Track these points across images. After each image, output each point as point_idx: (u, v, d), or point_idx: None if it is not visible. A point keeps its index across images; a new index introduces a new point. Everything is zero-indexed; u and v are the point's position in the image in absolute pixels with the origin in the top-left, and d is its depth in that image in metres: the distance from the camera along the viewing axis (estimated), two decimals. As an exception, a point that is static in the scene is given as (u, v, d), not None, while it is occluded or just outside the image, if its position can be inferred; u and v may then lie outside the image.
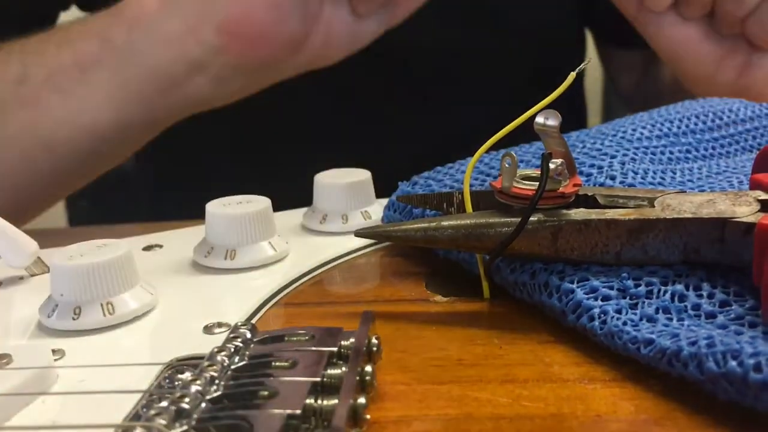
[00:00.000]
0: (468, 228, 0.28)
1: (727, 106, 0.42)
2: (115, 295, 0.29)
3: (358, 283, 0.33)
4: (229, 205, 0.34)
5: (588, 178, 0.33)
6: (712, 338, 0.22)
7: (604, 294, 0.26)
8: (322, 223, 0.37)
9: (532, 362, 0.25)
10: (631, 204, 0.28)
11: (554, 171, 0.27)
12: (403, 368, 0.25)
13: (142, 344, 0.28)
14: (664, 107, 0.43)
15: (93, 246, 0.30)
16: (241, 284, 0.32)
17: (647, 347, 0.23)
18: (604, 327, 0.25)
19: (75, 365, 0.26)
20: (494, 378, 0.24)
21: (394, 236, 0.29)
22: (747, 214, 0.26)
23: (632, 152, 0.36)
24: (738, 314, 0.25)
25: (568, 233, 0.27)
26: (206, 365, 0.23)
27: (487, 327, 0.28)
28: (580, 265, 0.28)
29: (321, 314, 0.30)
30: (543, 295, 0.27)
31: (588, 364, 0.25)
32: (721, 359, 0.21)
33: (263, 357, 0.24)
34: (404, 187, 0.36)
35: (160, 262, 0.35)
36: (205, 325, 0.28)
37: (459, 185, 0.34)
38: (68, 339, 0.28)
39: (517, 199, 0.28)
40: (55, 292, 0.29)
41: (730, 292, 0.26)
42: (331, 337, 0.24)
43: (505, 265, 0.29)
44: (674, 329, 0.24)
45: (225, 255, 0.33)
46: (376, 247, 0.36)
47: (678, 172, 0.35)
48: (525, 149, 0.38)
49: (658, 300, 0.26)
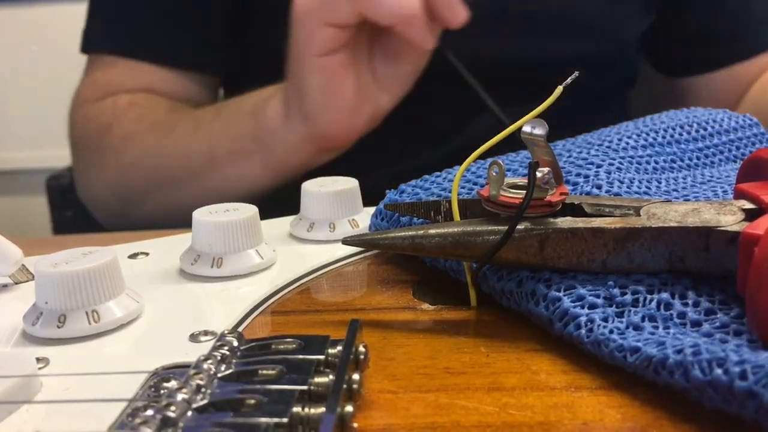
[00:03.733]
0: (455, 236, 0.28)
1: (711, 116, 0.42)
2: (100, 303, 0.29)
3: (346, 291, 0.33)
4: (216, 213, 0.34)
5: (574, 187, 0.34)
6: (698, 346, 0.22)
7: (590, 302, 0.26)
8: (310, 231, 0.37)
9: (519, 370, 0.25)
10: (617, 213, 0.28)
11: (541, 180, 0.27)
12: (391, 376, 0.25)
13: (128, 352, 0.28)
14: (649, 117, 0.43)
15: (78, 254, 0.29)
16: (228, 292, 0.32)
17: (633, 355, 0.24)
18: (590, 335, 0.25)
19: (59, 374, 0.26)
20: (481, 386, 0.24)
21: (381, 244, 0.29)
22: (732, 223, 0.26)
23: (618, 161, 0.36)
24: (723, 322, 0.25)
25: (555, 241, 0.27)
26: (192, 373, 0.23)
27: (474, 335, 0.28)
28: (567, 274, 0.28)
29: (308, 322, 0.30)
30: (530, 303, 0.28)
31: (575, 373, 0.25)
32: (706, 367, 0.22)
33: (250, 365, 0.23)
34: (391, 196, 0.36)
35: (146, 270, 0.35)
36: (191, 333, 0.28)
37: (446, 194, 0.34)
38: (53, 347, 0.28)
39: (505, 208, 0.28)
40: (40, 299, 0.29)
41: (715, 300, 0.26)
42: (318, 345, 0.24)
43: (492, 273, 0.29)
44: (660, 337, 0.24)
45: (212, 263, 0.33)
46: (363, 255, 0.36)
47: (663, 181, 0.36)
48: (512, 158, 0.38)
49: (644, 308, 0.26)
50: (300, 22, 0.49)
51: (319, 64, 0.49)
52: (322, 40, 0.48)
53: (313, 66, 0.49)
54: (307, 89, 0.50)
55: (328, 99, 0.50)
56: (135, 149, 0.59)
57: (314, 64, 0.49)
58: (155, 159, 0.58)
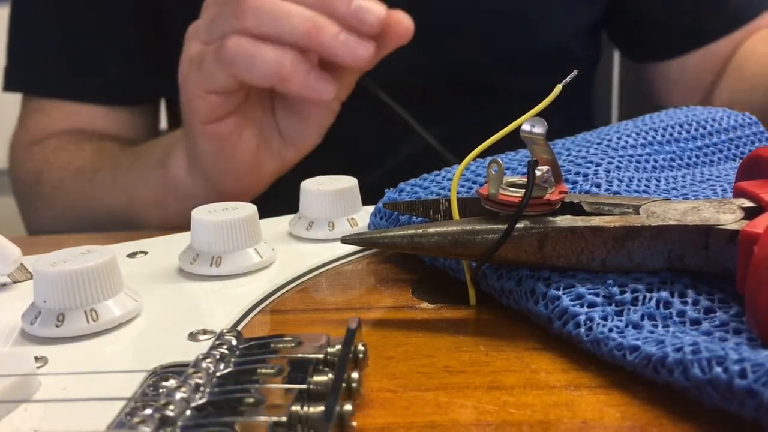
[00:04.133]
0: (454, 235, 0.28)
1: (710, 115, 0.42)
2: (99, 302, 0.29)
3: (345, 290, 0.33)
4: (214, 212, 0.34)
5: (574, 185, 0.34)
6: (698, 345, 0.22)
7: (590, 301, 0.26)
8: (309, 230, 0.37)
9: (519, 369, 0.25)
10: (616, 211, 0.28)
11: (540, 178, 0.27)
12: (390, 375, 0.25)
13: (126, 351, 0.28)
14: (648, 115, 0.43)
15: (77, 252, 0.29)
16: (227, 291, 0.32)
17: (633, 354, 0.24)
18: (590, 334, 0.25)
19: (58, 373, 0.26)
20: (481, 385, 0.24)
21: (380, 243, 0.29)
22: (731, 222, 0.26)
23: (617, 160, 0.36)
24: (723, 321, 0.25)
25: (555, 240, 0.27)
26: (191, 372, 0.23)
27: (473, 334, 0.28)
28: (566, 272, 0.28)
29: (307, 321, 0.30)
30: (529, 301, 0.28)
31: (574, 371, 0.25)
32: (706, 366, 0.22)
33: (249, 364, 0.23)
34: (391, 194, 0.36)
35: (145, 269, 0.35)
36: (190, 332, 0.28)
37: (445, 192, 0.34)
38: (51, 346, 0.28)
39: (504, 206, 0.28)
40: (38, 298, 0.29)
41: (714, 299, 0.26)
42: (318, 343, 0.24)
43: (492, 271, 0.29)
44: (660, 336, 0.24)
45: (210, 262, 0.33)
46: (362, 254, 0.36)
47: (662, 180, 0.36)
48: (511, 156, 0.38)
49: (644, 307, 0.26)
50: (183, 89, 0.47)
51: (208, 131, 0.46)
52: (206, 108, 0.45)
53: (203, 133, 0.47)
54: (201, 154, 0.48)
55: (223, 164, 0.48)
56: (63, 198, 0.58)
57: (203, 131, 0.47)
58: (81, 209, 0.57)
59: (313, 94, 0.44)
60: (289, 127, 0.49)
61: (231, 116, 0.46)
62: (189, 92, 0.46)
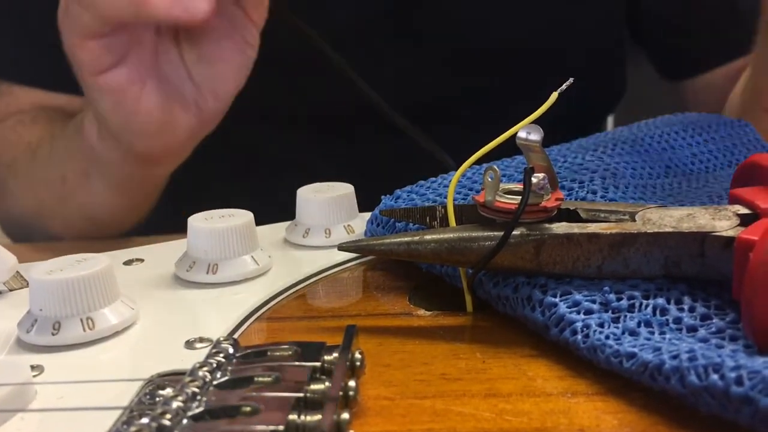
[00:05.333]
0: (451, 242, 0.28)
1: (706, 121, 0.42)
2: (95, 310, 0.28)
3: (341, 297, 0.33)
4: (211, 219, 0.34)
5: (570, 192, 0.34)
6: (694, 352, 0.22)
7: (586, 308, 0.26)
8: (305, 237, 0.37)
9: (516, 376, 0.25)
10: (612, 218, 0.29)
11: (536, 185, 0.27)
12: (387, 383, 0.25)
13: (123, 360, 0.27)
14: (644, 122, 0.44)
15: (73, 260, 0.29)
16: (224, 298, 0.32)
17: (629, 361, 0.24)
18: (587, 341, 0.25)
19: (54, 381, 0.25)
20: (477, 392, 0.24)
21: (377, 250, 0.29)
22: (726, 228, 0.26)
23: (613, 167, 0.36)
24: (719, 327, 0.25)
25: (551, 247, 0.27)
26: (188, 381, 0.23)
27: (470, 341, 0.28)
28: (563, 279, 0.28)
29: (304, 328, 0.30)
30: (526, 308, 0.28)
31: (571, 378, 0.25)
32: (702, 373, 0.22)
33: (246, 372, 0.23)
34: (387, 201, 0.36)
35: (142, 277, 0.35)
36: (186, 340, 0.28)
37: (442, 199, 0.34)
38: (47, 355, 0.27)
39: (500, 213, 0.28)
40: (34, 306, 0.28)
41: (710, 305, 0.26)
42: (314, 351, 0.24)
43: (488, 278, 0.29)
44: (656, 343, 0.24)
45: (207, 269, 0.33)
46: (359, 261, 0.36)
47: (658, 186, 0.36)
48: (507, 163, 0.38)
49: (640, 313, 0.26)
50: (63, 41, 0.42)
51: (101, 84, 0.42)
52: (88, 57, 0.41)
53: (95, 86, 0.42)
54: (101, 111, 0.44)
55: (127, 120, 0.43)
56: (12, 176, 0.55)
57: (96, 84, 0.42)
58: (25, 188, 0.54)
59: (182, 13, 0.38)
60: (202, 73, 0.45)
61: (122, 65, 0.42)
62: (68, 41, 0.42)
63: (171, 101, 0.44)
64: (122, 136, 0.45)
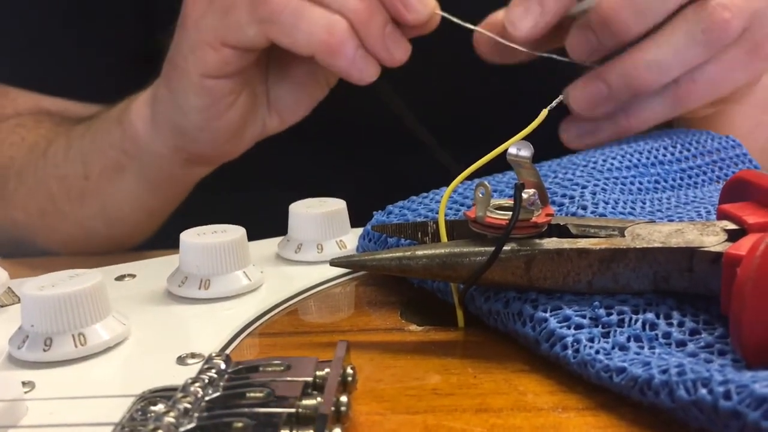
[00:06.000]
0: (442, 257, 0.28)
1: (694, 137, 0.43)
2: (87, 325, 0.28)
3: (333, 313, 0.33)
4: (203, 235, 0.34)
5: (560, 207, 0.34)
6: (683, 366, 0.23)
7: (576, 323, 0.26)
8: (297, 252, 0.37)
9: (507, 391, 0.25)
10: (602, 233, 0.29)
11: (527, 201, 0.27)
12: (378, 398, 0.25)
13: (114, 376, 0.27)
14: (633, 137, 0.44)
15: (65, 276, 0.29)
16: (215, 314, 0.32)
17: (619, 376, 0.24)
18: (577, 356, 0.25)
19: (45, 398, 0.25)
20: (469, 407, 0.24)
21: (369, 265, 0.29)
22: (714, 244, 0.26)
23: (603, 182, 0.36)
24: (707, 342, 0.25)
25: (541, 262, 0.28)
26: (180, 397, 0.23)
27: (461, 356, 0.28)
28: (553, 294, 0.28)
29: (296, 344, 0.30)
30: (517, 323, 0.28)
31: (562, 393, 0.25)
32: (691, 387, 0.22)
33: (238, 388, 0.23)
34: (379, 217, 0.36)
35: (133, 292, 0.35)
36: (178, 356, 0.28)
37: (433, 215, 0.35)
38: (39, 371, 0.27)
39: (491, 229, 0.28)
40: (26, 322, 0.28)
41: (699, 320, 0.26)
42: (306, 367, 0.24)
43: (479, 294, 0.29)
44: (646, 357, 0.24)
45: (199, 284, 0.33)
46: (350, 277, 0.36)
47: (647, 202, 0.36)
48: (498, 179, 0.39)
49: (630, 328, 0.26)
50: (190, 34, 0.41)
51: (205, 86, 0.42)
52: (216, 61, 0.41)
53: (199, 87, 0.42)
54: (186, 107, 0.43)
55: (208, 123, 0.44)
56: (14, 177, 0.53)
57: (200, 85, 0.42)
58: (34, 185, 0.52)
59: (357, 73, 0.40)
60: (279, 95, 0.46)
61: (233, 76, 0.42)
62: (199, 38, 0.41)
63: (249, 114, 0.45)
64: (191, 134, 0.45)
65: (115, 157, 0.48)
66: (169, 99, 0.44)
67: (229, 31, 0.40)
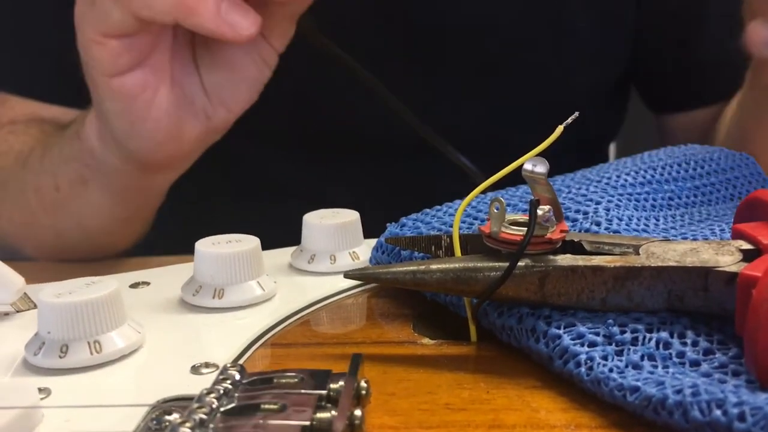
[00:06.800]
0: (457, 272, 0.28)
1: (708, 154, 0.43)
2: (103, 333, 0.29)
3: (346, 324, 0.33)
4: (218, 244, 0.34)
5: (574, 223, 0.34)
6: (697, 386, 0.23)
7: (590, 340, 0.26)
8: (311, 263, 0.38)
9: (519, 407, 0.25)
10: (616, 251, 0.29)
11: (542, 217, 0.27)
12: (391, 411, 0.25)
13: (129, 384, 0.28)
14: (647, 153, 0.44)
15: (81, 283, 0.30)
16: (229, 324, 0.32)
17: (633, 394, 0.24)
18: (590, 373, 0.25)
19: (61, 405, 0.26)
20: (482, 423, 0.24)
21: (383, 278, 0.30)
22: (730, 264, 0.26)
23: (617, 198, 0.36)
24: (722, 362, 0.25)
25: (555, 279, 0.28)
26: (195, 407, 0.23)
27: (474, 371, 0.28)
28: (567, 311, 0.28)
29: (308, 355, 0.30)
30: (530, 339, 0.28)
31: (575, 411, 0.25)
32: (705, 408, 0.22)
33: (252, 399, 0.24)
34: (392, 229, 0.37)
35: (148, 300, 0.35)
36: (192, 365, 0.28)
37: (447, 228, 0.35)
38: (54, 377, 0.28)
39: (506, 244, 0.28)
40: (42, 329, 0.29)
41: (713, 340, 0.26)
42: (320, 379, 0.24)
43: (493, 309, 0.30)
44: (660, 377, 0.24)
45: (213, 294, 0.33)
46: (363, 288, 0.36)
47: (661, 218, 0.36)
48: (512, 192, 0.39)
49: (644, 347, 0.26)
50: (78, 34, 0.40)
51: (114, 87, 0.40)
52: (107, 57, 0.39)
53: (107, 88, 0.40)
54: (107, 114, 0.42)
55: (135, 126, 0.41)
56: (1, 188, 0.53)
57: (108, 87, 0.40)
58: (16, 196, 0.52)
59: (227, 29, 0.37)
60: (215, 83, 0.43)
61: (139, 68, 0.40)
62: (85, 37, 0.39)
63: (181, 109, 0.42)
64: (126, 141, 0.43)
65: (78, 170, 0.48)
66: (96, 107, 0.43)
67: (100, 21, 0.38)
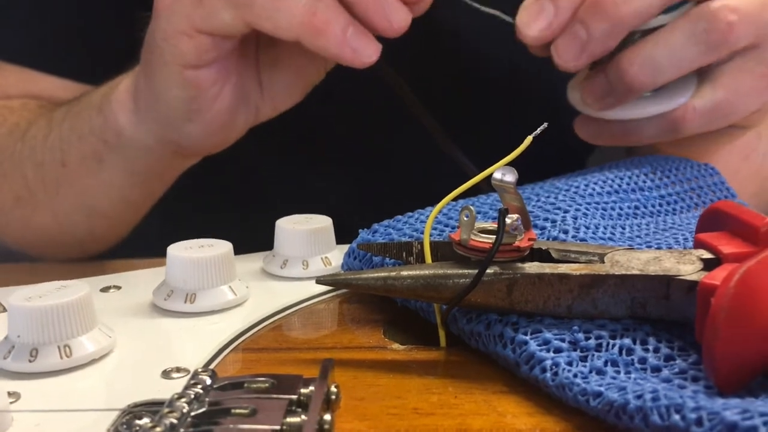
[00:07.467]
0: (426, 278, 0.29)
1: (674, 164, 0.44)
2: (73, 337, 0.29)
3: (317, 330, 0.34)
4: (190, 249, 0.34)
5: (542, 231, 0.35)
6: (657, 392, 0.23)
7: (556, 346, 0.27)
8: (283, 267, 0.38)
9: (486, 412, 0.26)
10: (582, 259, 0.29)
11: (510, 226, 0.28)
12: (361, 416, 0.26)
13: (100, 388, 0.28)
14: (614, 162, 0.45)
15: (52, 287, 0.30)
16: (201, 328, 0.32)
17: (596, 399, 0.24)
18: (555, 379, 0.26)
19: (31, 409, 0.26)
20: (449, 427, 0.25)
21: (354, 284, 0.30)
22: (691, 273, 0.27)
23: (584, 207, 0.37)
24: (682, 368, 0.26)
25: (523, 286, 0.28)
26: (166, 411, 0.23)
27: (443, 376, 0.29)
28: (534, 317, 0.29)
29: (280, 360, 0.30)
30: (497, 345, 0.28)
31: (540, 415, 0.26)
32: (665, 413, 0.22)
33: (223, 404, 0.24)
34: (364, 235, 0.37)
35: (119, 304, 0.35)
36: (163, 370, 0.28)
37: (418, 234, 0.35)
38: (24, 381, 0.28)
39: (475, 252, 0.29)
40: (12, 333, 0.29)
41: (674, 346, 0.27)
42: (291, 384, 0.25)
43: (462, 315, 0.30)
44: (622, 382, 0.25)
45: (185, 298, 0.33)
46: (335, 294, 0.36)
47: (627, 227, 0.37)
48: (482, 200, 0.39)
49: (607, 353, 0.27)
50: (163, 22, 0.38)
51: (187, 78, 0.39)
52: (192, 50, 0.38)
53: (179, 78, 0.39)
54: (170, 100, 0.41)
55: (194, 115, 0.41)
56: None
57: (180, 77, 0.39)
58: (10, 169, 0.50)
59: (349, 53, 0.37)
60: (272, 81, 0.43)
61: (215, 64, 0.39)
62: (173, 27, 0.38)
63: (239, 103, 0.42)
64: (182, 125, 0.42)
65: (94, 146, 0.46)
66: (151, 91, 0.42)
67: (203, 17, 0.37)
